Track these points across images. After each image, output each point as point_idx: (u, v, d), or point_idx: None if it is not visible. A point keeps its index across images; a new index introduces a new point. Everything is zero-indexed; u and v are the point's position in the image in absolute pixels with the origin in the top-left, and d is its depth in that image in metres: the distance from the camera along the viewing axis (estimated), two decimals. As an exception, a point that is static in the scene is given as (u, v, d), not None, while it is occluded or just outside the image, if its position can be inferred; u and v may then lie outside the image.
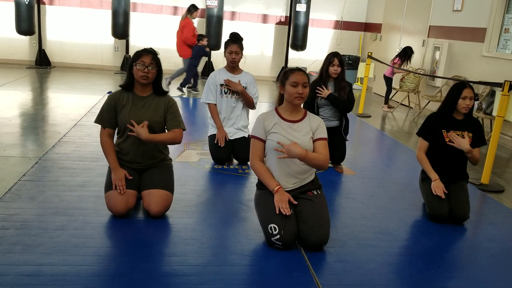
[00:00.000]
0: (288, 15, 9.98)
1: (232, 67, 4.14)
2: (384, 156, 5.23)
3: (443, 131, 3.27)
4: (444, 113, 3.32)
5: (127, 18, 8.97)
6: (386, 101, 7.91)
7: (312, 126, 2.73)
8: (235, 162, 4.19)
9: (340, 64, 4.07)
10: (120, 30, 8.96)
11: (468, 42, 6.91)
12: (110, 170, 2.92)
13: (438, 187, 3.20)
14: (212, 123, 4.21)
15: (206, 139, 4.39)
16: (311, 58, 10.12)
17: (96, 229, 2.68)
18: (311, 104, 4.11)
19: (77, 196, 3.10)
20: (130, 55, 3.78)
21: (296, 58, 9.95)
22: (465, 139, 3.20)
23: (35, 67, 9.10)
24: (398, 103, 8.00)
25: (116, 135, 3.00)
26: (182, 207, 3.08)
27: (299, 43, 9.63)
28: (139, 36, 9.48)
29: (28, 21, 8.67)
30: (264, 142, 2.72)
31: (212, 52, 9.35)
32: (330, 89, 4.12)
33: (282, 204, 2.57)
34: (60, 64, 9.49)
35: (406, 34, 8.73)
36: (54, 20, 9.34)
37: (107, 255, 2.44)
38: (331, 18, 10.38)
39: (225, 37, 4.57)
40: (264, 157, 2.76)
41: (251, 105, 4.19)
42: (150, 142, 2.85)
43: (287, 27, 10.02)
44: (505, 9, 6.33)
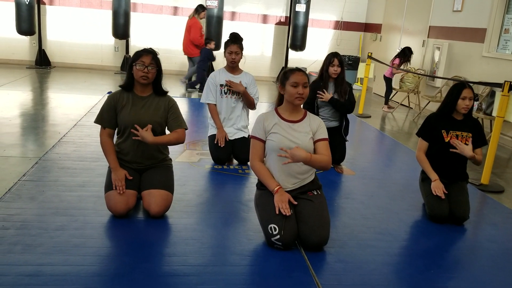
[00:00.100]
0: (288, 16, 9.99)
1: (232, 67, 4.14)
2: (384, 156, 5.23)
3: (442, 131, 3.27)
4: (443, 113, 3.32)
5: (127, 18, 8.97)
6: (386, 101, 7.91)
7: (312, 127, 2.73)
8: (235, 162, 4.19)
9: (340, 65, 4.07)
10: (121, 30, 8.97)
11: (468, 42, 6.91)
12: (110, 170, 2.92)
13: (438, 187, 3.20)
14: (212, 123, 4.21)
15: (206, 139, 4.39)
16: (311, 58, 10.11)
17: (96, 229, 2.68)
18: (311, 104, 4.12)
19: (77, 196, 3.10)
20: (130, 55, 3.78)
21: (296, 59, 9.95)
22: (468, 146, 3.20)
23: (35, 67, 9.10)
24: (398, 103, 8.00)
25: (116, 135, 3.01)
26: (182, 207, 3.08)
27: (298, 43, 9.62)
28: (139, 36, 9.48)
29: (28, 21, 8.67)
30: (264, 142, 2.72)
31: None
32: (330, 92, 4.11)
33: (282, 204, 2.57)
34: (60, 64, 9.48)
35: (406, 35, 8.73)
36: (54, 20, 9.34)
37: (107, 255, 2.44)
38: (331, 19, 10.39)
39: (225, 37, 4.57)
40: (264, 157, 2.77)
41: (252, 105, 4.19)
42: (156, 145, 2.88)
43: (287, 27, 10.03)
44: (505, 9, 6.33)
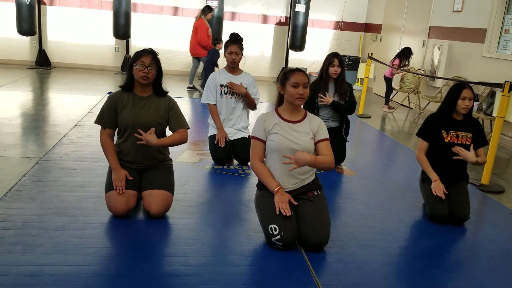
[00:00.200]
0: (288, 16, 9.99)
1: (232, 67, 4.14)
2: (384, 156, 5.23)
3: (442, 131, 3.27)
4: (443, 113, 3.32)
5: (128, 19, 8.97)
6: (386, 101, 7.91)
7: (313, 127, 2.73)
8: (235, 162, 4.19)
9: (340, 65, 4.07)
10: (122, 31, 8.98)
11: (468, 42, 6.91)
12: (110, 171, 2.92)
13: (438, 187, 3.20)
14: (212, 123, 4.21)
15: (206, 140, 4.39)
16: (311, 58, 10.11)
17: (96, 229, 2.68)
18: (311, 104, 4.11)
19: (77, 197, 3.10)
20: (130, 56, 3.78)
21: (296, 59, 9.95)
22: (470, 152, 3.20)
23: (35, 68, 9.10)
24: (398, 103, 8.00)
25: (117, 135, 3.01)
26: (182, 207, 3.08)
27: (298, 44, 9.62)
28: (140, 37, 9.48)
29: (29, 21, 8.67)
30: (264, 142, 2.72)
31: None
32: (331, 94, 4.10)
33: (282, 204, 2.57)
34: (61, 64, 9.49)
35: (407, 35, 8.74)
36: (54, 20, 9.35)
37: (108, 255, 2.44)
38: (331, 19, 10.39)
39: (225, 37, 4.58)
40: (264, 157, 2.77)
41: (253, 106, 4.20)
42: (160, 146, 2.90)
43: (287, 27, 10.02)
44: (505, 9, 6.33)
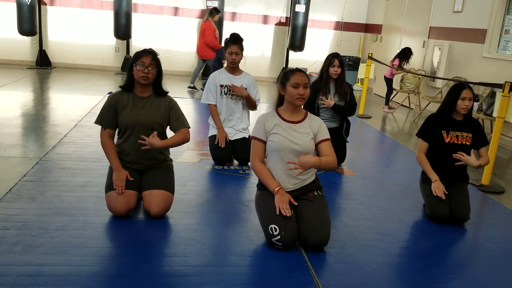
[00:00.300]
0: (289, 16, 9.99)
1: (232, 68, 4.14)
2: (385, 157, 5.23)
3: (442, 132, 3.27)
4: (443, 114, 3.32)
5: (129, 19, 8.97)
6: (386, 102, 7.91)
7: (313, 128, 2.73)
8: (236, 162, 4.19)
9: (340, 65, 4.07)
10: (123, 31, 8.98)
11: (468, 43, 6.91)
12: (110, 171, 2.92)
13: (438, 188, 3.20)
14: (212, 123, 4.21)
15: (206, 140, 4.39)
16: (311, 59, 10.11)
17: (96, 229, 2.68)
18: (311, 105, 4.11)
19: (77, 197, 3.10)
20: (131, 56, 3.78)
21: (297, 59, 9.95)
22: (472, 157, 3.20)
23: (35, 68, 9.10)
24: (399, 104, 8.00)
25: (117, 135, 3.01)
26: (182, 207, 3.08)
27: (297, 44, 9.62)
28: (140, 37, 9.49)
29: (30, 21, 8.66)
30: (265, 143, 2.72)
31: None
32: (332, 97, 4.09)
33: (282, 205, 2.58)
34: (61, 64, 9.49)
35: (407, 35, 8.74)
36: (54, 20, 9.35)
37: (108, 255, 2.44)
38: (331, 19, 10.39)
39: (225, 37, 4.58)
40: (264, 158, 2.77)
41: (253, 107, 4.20)
42: (164, 148, 2.93)
43: (287, 28, 10.03)
44: (505, 10, 6.34)
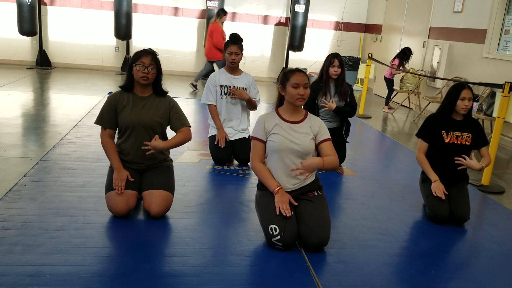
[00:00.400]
0: (288, 16, 9.99)
1: (232, 68, 4.14)
2: (385, 157, 5.23)
3: (442, 132, 3.27)
4: (443, 114, 3.32)
5: (129, 19, 8.98)
6: (386, 102, 7.91)
7: (313, 128, 2.73)
8: (236, 162, 4.19)
9: (340, 65, 4.07)
10: (123, 31, 8.98)
11: (468, 43, 6.91)
12: (110, 171, 2.93)
13: (438, 188, 3.20)
14: (212, 124, 4.21)
15: (206, 140, 4.39)
16: (311, 59, 10.12)
17: (96, 229, 2.68)
18: (311, 105, 4.11)
19: (77, 197, 3.10)
20: (131, 56, 3.78)
21: (297, 59, 9.95)
22: (473, 160, 3.20)
23: (36, 68, 9.11)
24: (399, 104, 8.01)
25: (117, 135, 3.01)
26: (182, 207, 3.08)
27: (297, 44, 9.62)
28: (140, 37, 9.49)
29: (30, 21, 8.66)
30: (265, 143, 2.72)
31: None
32: (332, 99, 4.09)
33: (282, 205, 2.58)
34: (61, 64, 9.49)
35: (407, 35, 8.74)
36: (55, 20, 9.35)
37: (108, 255, 2.44)
38: (331, 19, 10.39)
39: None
40: (264, 158, 2.77)
41: (253, 107, 4.20)
42: (167, 148, 2.95)
43: (287, 28, 10.03)
44: (505, 10, 6.34)
